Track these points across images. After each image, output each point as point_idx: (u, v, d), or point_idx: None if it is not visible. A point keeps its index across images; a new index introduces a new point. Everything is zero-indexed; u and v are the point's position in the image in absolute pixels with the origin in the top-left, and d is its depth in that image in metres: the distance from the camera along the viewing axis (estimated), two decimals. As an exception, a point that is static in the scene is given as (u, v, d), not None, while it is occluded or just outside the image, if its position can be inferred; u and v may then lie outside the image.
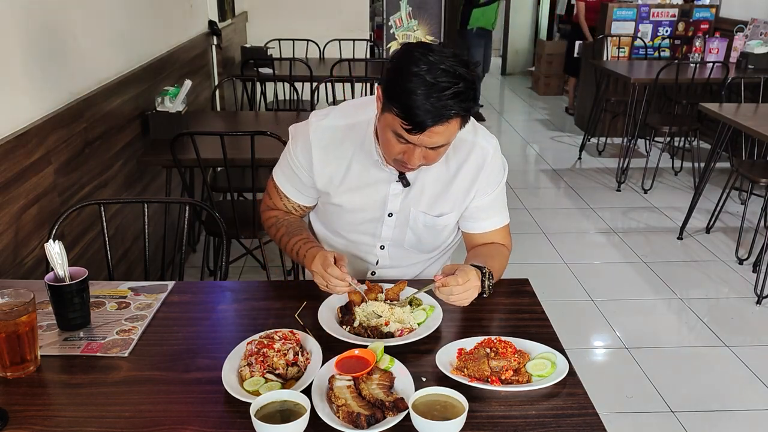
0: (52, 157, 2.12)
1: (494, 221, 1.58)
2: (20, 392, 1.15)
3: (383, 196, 1.52)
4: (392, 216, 1.55)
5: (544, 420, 1.08)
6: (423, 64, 1.24)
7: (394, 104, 1.27)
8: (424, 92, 1.23)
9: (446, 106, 1.24)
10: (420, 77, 1.24)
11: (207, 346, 1.29)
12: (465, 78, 1.26)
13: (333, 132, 1.50)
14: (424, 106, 1.23)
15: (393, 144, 1.35)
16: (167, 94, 3.09)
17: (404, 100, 1.25)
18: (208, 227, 2.86)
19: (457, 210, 1.55)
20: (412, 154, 1.33)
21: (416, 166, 1.37)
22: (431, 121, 1.25)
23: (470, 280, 1.32)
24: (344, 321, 1.34)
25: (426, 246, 1.62)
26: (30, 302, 1.18)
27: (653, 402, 2.51)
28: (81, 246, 2.32)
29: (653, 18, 5.87)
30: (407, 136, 1.29)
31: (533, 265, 3.66)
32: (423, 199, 1.53)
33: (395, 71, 1.29)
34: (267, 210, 1.66)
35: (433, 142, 1.30)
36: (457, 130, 1.32)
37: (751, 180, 3.51)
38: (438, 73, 1.23)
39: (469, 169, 1.51)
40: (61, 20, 2.28)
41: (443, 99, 1.23)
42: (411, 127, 1.26)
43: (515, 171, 5.38)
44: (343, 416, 1.05)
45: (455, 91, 1.24)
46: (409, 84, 1.24)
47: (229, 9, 5.11)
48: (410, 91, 1.24)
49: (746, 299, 3.27)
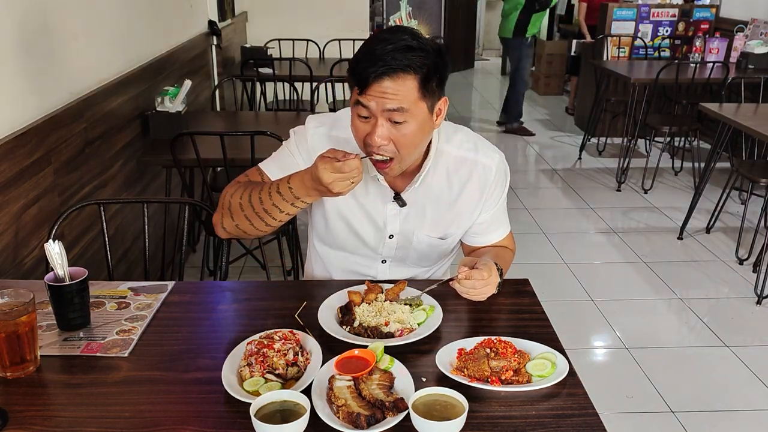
0: (52, 157, 2.12)
1: (498, 234, 1.57)
2: (20, 392, 1.15)
3: (382, 216, 1.49)
4: (393, 238, 1.52)
5: (544, 420, 1.08)
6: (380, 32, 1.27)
7: (350, 71, 1.28)
8: (370, 48, 1.24)
9: (394, 57, 1.22)
10: (371, 39, 1.26)
11: (207, 346, 1.29)
12: (418, 37, 1.25)
13: (329, 142, 1.45)
14: (369, 58, 1.23)
15: (357, 125, 1.32)
16: (167, 94, 3.09)
17: (355, 61, 1.26)
18: (208, 227, 2.86)
19: (462, 228, 1.53)
20: (375, 130, 1.27)
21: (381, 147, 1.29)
22: (375, 72, 1.22)
23: (492, 276, 1.32)
24: (344, 321, 1.34)
25: (430, 262, 1.61)
26: (30, 302, 1.18)
27: (653, 402, 2.51)
28: (81, 246, 2.32)
29: (653, 18, 5.87)
30: (362, 99, 1.26)
31: (533, 265, 3.66)
32: (426, 221, 1.49)
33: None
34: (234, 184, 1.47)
35: (386, 102, 1.24)
36: (416, 93, 1.25)
37: (751, 180, 3.51)
38: (389, 34, 1.25)
39: (473, 188, 1.47)
40: (61, 20, 2.28)
41: (390, 51, 1.22)
42: (359, 84, 1.25)
43: (515, 171, 5.38)
44: (343, 416, 1.04)
45: (405, 45, 1.22)
46: (361, 48, 1.28)
47: (229, 9, 5.11)
48: (360, 52, 1.26)
49: (746, 299, 3.27)
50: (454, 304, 1.40)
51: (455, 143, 1.47)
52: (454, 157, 1.46)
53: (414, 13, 5.68)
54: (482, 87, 9.00)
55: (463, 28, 9.74)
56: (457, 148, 1.47)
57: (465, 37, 9.92)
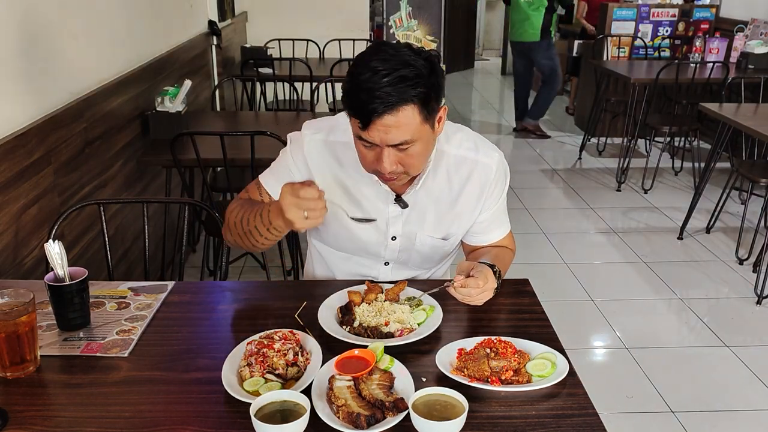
0: (51, 157, 2.12)
1: (498, 233, 1.57)
2: (20, 392, 1.15)
3: (384, 218, 1.48)
4: (396, 239, 1.51)
5: (544, 420, 1.08)
6: (371, 56, 1.21)
7: (346, 105, 1.24)
8: (366, 81, 1.18)
9: (389, 92, 1.17)
10: (364, 68, 1.20)
11: (207, 346, 1.29)
12: (411, 64, 1.19)
13: (327, 149, 1.45)
14: (367, 95, 1.18)
15: (363, 153, 1.30)
16: (167, 94, 3.09)
17: (352, 95, 1.21)
18: (208, 227, 2.86)
19: (464, 228, 1.53)
20: (381, 158, 1.26)
21: (392, 173, 1.29)
22: (376, 111, 1.18)
23: (488, 282, 1.31)
24: (344, 321, 1.34)
25: (432, 263, 1.61)
26: (30, 302, 1.18)
27: (653, 402, 2.51)
28: (81, 246, 2.32)
29: (653, 18, 5.87)
30: (365, 135, 1.24)
31: (533, 265, 3.66)
32: (427, 222, 1.49)
33: (348, 75, 1.25)
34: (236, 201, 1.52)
35: (391, 137, 1.22)
36: (419, 121, 1.23)
37: (751, 180, 3.51)
38: (381, 62, 1.19)
39: (473, 187, 1.47)
40: (61, 20, 2.28)
41: (386, 85, 1.17)
42: (361, 121, 1.21)
43: (515, 171, 5.36)
44: (343, 416, 1.04)
45: (399, 75, 1.18)
46: (354, 78, 1.21)
47: (229, 9, 5.11)
48: (355, 85, 1.20)
49: (746, 299, 3.27)
50: (454, 304, 1.40)
51: (455, 143, 1.46)
52: (455, 157, 1.46)
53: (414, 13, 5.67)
54: (482, 87, 9.00)
55: (463, 28, 9.74)
56: (457, 147, 1.46)
57: (465, 37, 9.92)
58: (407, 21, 5.66)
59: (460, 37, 9.71)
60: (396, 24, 5.68)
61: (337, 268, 1.62)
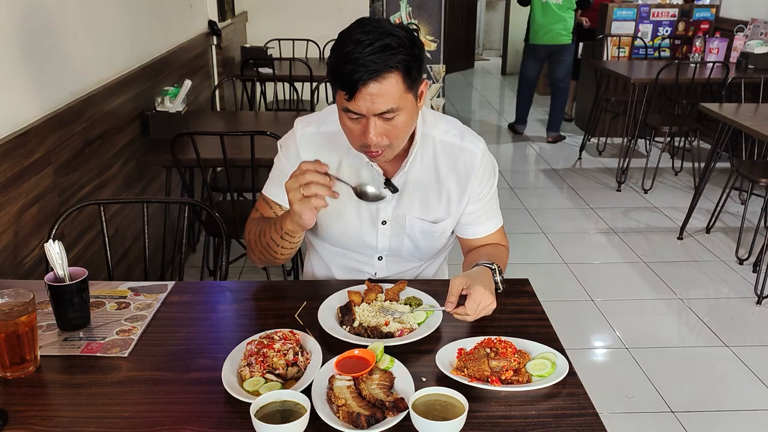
0: (51, 157, 2.12)
1: (489, 225, 1.57)
2: (20, 392, 1.15)
3: (375, 204, 1.50)
4: (386, 224, 1.53)
5: (544, 420, 1.08)
6: (353, 31, 1.25)
7: (332, 78, 1.27)
8: (350, 53, 1.22)
9: (373, 60, 1.22)
10: (347, 42, 1.24)
11: (207, 346, 1.29)
12: (394, 34, 1.24)
13: (318, 139, 1.49)
14: (352, 65, 1.22)
15: (350, 128, 1.33)
16: (167, 94, 3.09)
17: (336, 67, 1.25)
18: (208, 227, 2.86)
19: (453, 216, 1.54)
20: (368, 129, 1.28)
21: (377, 145, 1.31)
22: (361, 79, 1.22)
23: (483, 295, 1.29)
24: (344, 321, 1.34)
25: (424, 254, 1.60)
26: (30, 302, 1.18)
27: (653, 402, 2.51)
28: (81, 246, 2.32)
29: (653, 18, 5.87)
30: (351, 106, 1.27)
31: (533, 265, 3.66)
32: (416, 205, 1.51)
33: (332, 51, 1.29)
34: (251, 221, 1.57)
35: (377, 105, 1.25)
36: (402, 90, 1.27)
37: (751, 180, 3.51)
38: (364, 33, 1.23)
39: (459, 173, 1.49)
40: (61, 20, 2.28)
41: (370, 53, 1.22)
42: (347, 92, 1.24)
43: (515, 171, 5.38)
44: (343, 416, 1.04)
45: (382, 44, 1.22)
46: (339, 51, 1.25)
47: (229, 9, 5.11)
48: (340, 58, 1.24)
49: (746, 299, 3.27)
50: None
51: (441, 129, 1.50)
52: (441, 142, 1.49)
53: (414, 13, 5.68)
54: (482, 87, 9.00)
55: (463, 28, 9.74)
56: (443, 133, 1.50)
57: (465, 37, 9.92)
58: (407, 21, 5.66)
59: (460, 37, 9.72)
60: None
61: (332, 263, 1.64)
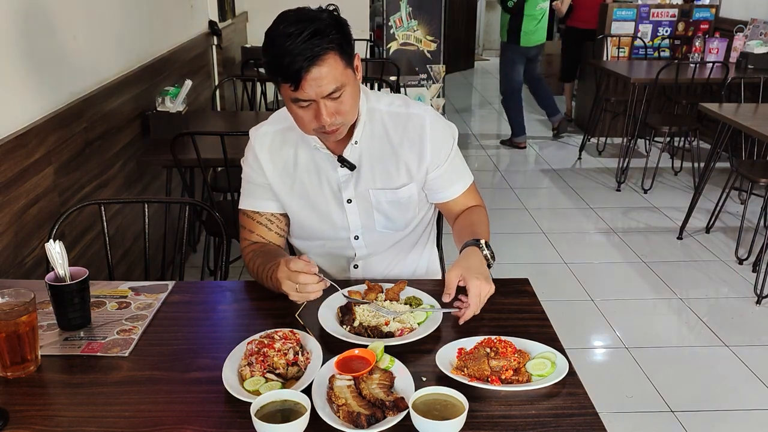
0: (52, 157, 2.12)
1: (459, 186, 1.60)
2: (20, 392, 1.15)
3: (336, 184, 1.54)
4: (351, 202, 1.56)
5: (544, 420, 1.08)
6: (280, 26, 1.31)
7: (273, 74, 1.32)
8: (284, 45, 1.28)
9: (308, 46, 1.27)
10: (277, 36, 1.30)
11: (207, 346, 1.29)
12: (318, 18, 1.31)
13: (272, 137, 1.55)
14: (291, 57, 1.27)
15: (300, 115, 1.37)
16: (167, 94, 3.09)
17: (275, 63, 1.30)
18: (209, 227, 2.86)
19: (416, 182, 1.56)
20: (320, 112, 1.34)
21: (332, 124, 1.36)
22: (303, 67, 1.27)
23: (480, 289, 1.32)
24: (344, 320, 1.34)
25: (398, 223, 1.61)
26: (30, 302, 1.19)
27: (653, 402, 2.51)
28: (81, 246, 2.32)
29: (653, 18, 5.87)
30: (298, 95, 1.32)
31: (533, 265, 3.66)
32: (376, 177, 1.54)
33: (263, 48, 1.34)
34: (247, 246, 1.61)
35: (323, 89, 1.31)
36: (342, 67, 1.33)
37: (751, 180, 3.51)
38: (291, 25, 1.29)
39: (412, 138, 1.53)
40: (61, 20, 2.28)
41: (303, 41, 1.27)
42: (292, 82, 1.30)
43: (515, 171, 5.38)
44: (343, 416, 1.05)
45: (311, 31, 1.28)
46: (272, 48, 1.30)
47: (229, 9, 5.11)
48: (276, 53, 1.29)
49: (746, 299, 3.27)
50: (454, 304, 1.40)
51: (385, 102, 1.55)
52: (387, 113, 1.54)
53: (414, 13, 5.68)
54: (482, 87, 9.00)
55: (463, 28, 9.74)
56: (388, 105, 1.55)
57: (465, 37, 9.92)
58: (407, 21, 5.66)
59: (460, 37, 9.71)
60: (396, 24, 5.68)
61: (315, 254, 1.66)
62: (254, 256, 1.55)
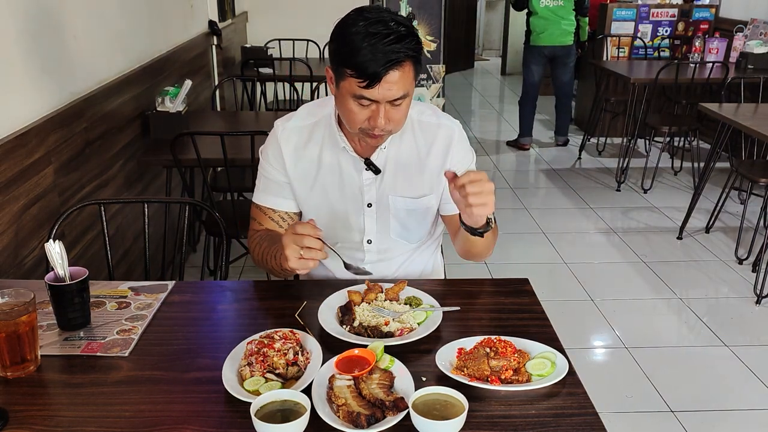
0: (52, 157, 2.12)
1: None
2: (20, 392, 1.15)
3: (358, 186, 1.54)
4: (372, 206, 1.56)
5: (543, 420, 1.08)
6: (360, 22, 1.30)
7: (346, 67, 1.31)
8: (369, 44, 1.28)
9: (393, 50, 1.28)
10: (361, 33, 1.29)
11: (207, 346, 1.29)
12: (403, 24, 1.32)
13: (299, 132, 1.54)
14: (373, 55, 1.27)
15: (356, 112, 1.36)
16: (167, 94, 3.09)
17: (353, 58, 1.29)
18: (209, 227, 2.86)
19: (436, 192, 1.56)
20: (377, 115, 1.34)
21: (383, 129, 1.37)
22: (384, 68, 1.28)
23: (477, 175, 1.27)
24: (344, 320, 1.34)
25: (412, 234, 1.62)
26: (30, 302, 1.18)
27: (653, 402, 2.51)
28: (81, 246, 2.32)
29: (653, 18, 5.87)
30: (367, 93, 1.31)
31: (533, 265, 3.66)
32: (398, 184, 1.54)
33: (337, 38, 1.33)
34: (253, 234, 1.60)
35: (392, 93, 1.32)
36: (413, 77, 1.34)
37: (751, 180, 3.51)
38: (376, 25, 1.29)
39: (439, 148, 1.53)
40: (61, 20, 2.28)
41: (388, 44, 1.28)
42: (367, 80, 1.30)
43: (514, 171, 5.38)
44: (343, 416, 1.05)
45: (398, 35, 1.28)
46: (353, 42, 1.29)
47: (229, 9, 5.11)
48: (356, 48, 1.29)
49: (746, 299, 3.27)
50: (454, 304, 1.40)
51: (417, 110, 1.55)
52: (418, 122, 1.54)
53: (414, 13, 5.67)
54: (482, 87, 9.00)
55: (463, 28, 9.74)
56: (419, 114, 1.55)
57: (465, 37, 9.92)
58: (407, 21, 5.65)
59: (460, 37, 9.71)
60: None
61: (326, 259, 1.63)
62: (261, 240, 1.55)
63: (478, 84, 9.21)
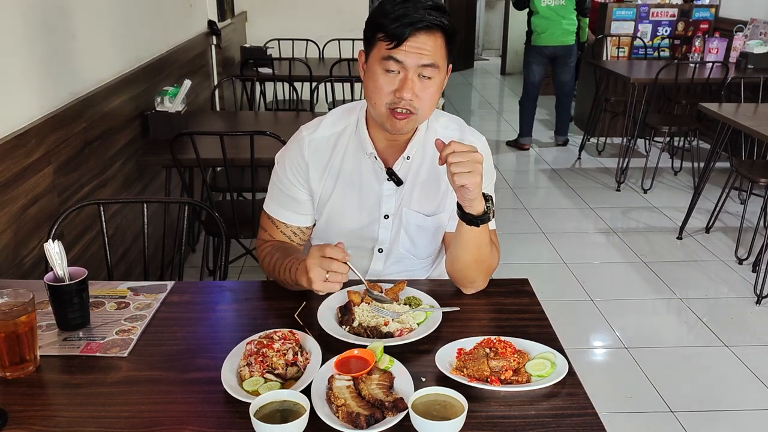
0: (51, 156, 2.12)
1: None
2: (20, 392, 1.15)
3: (377, 196, 1.51)
4: (388, 218, 1.53)
5: (543, 420, 1.08)
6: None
7: (376, 29, 1.31)
8: (402, 6, 1.29)
9: (429, 13, 1.28)
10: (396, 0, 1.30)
11: (206, 346, 1.29)
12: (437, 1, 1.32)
13: (326, 142, 1.50)
14: (404, 14, 1.28)
15: (381, 83, 1.34)
16: (167, 94, 3.09)
17: (385, 18, 1.29)
18: (208, 227, 2.86)
19: (448, 211, 1.54)
20: (405, 84, 1.32)
21: (408, 104, 1.33)
22: (413, 27, 1.28)
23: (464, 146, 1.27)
24: (344, 321, 1.34)
25: (420, 251, 1.60)
26: (29, 302, 1.18)
27: (653, 402, 2.51)
28: (80, 246, 2.32)
29: (653, 18, 5.87)
30: (396, 54, 1.30)
31: (533, 265, 3.66)
32: (413, 198, 1.52)
33: (373, 10, 1.35)
34: (262, 243, 1.58)
35: (422, 58, 1.30)
36: (444, 53, 1.33)
37: (751, 180, 3.51)
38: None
39: None
40: (61, 20, 2.28)
41: (421, 8, 1.28)
42: (395, 38, 1.29)
43: (514, 171, 5.38)
44: (343, 416, 1.05)
45: (433, 4, 1.29)
46: (386, 5, 1.31)
47: (229, 9, 5.11)
48: (389, 10, 1.30)
49: (746, 299, 3.27)
50: (454, 304, 1.40)
51: (442, 123, 1.53)
52: (442, 136, 1.49)
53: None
54: (482, 87, 9.00)
55: (463, 28, 9.74)
56: (444, 128, 1.53)
57: (465, 37, 9.92)
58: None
59: (460, 37, 9.68)
60: None
61: None
62: (273, 250, 1.51)
63: (477, 84, 9.21)
